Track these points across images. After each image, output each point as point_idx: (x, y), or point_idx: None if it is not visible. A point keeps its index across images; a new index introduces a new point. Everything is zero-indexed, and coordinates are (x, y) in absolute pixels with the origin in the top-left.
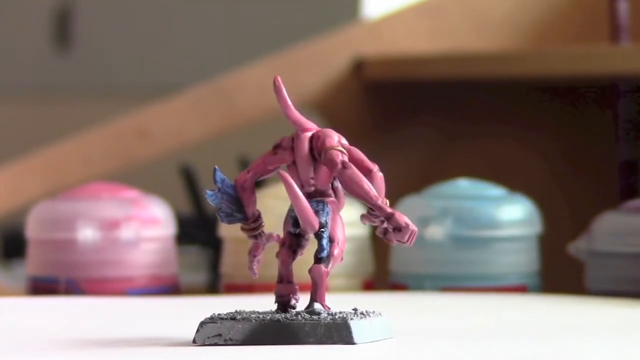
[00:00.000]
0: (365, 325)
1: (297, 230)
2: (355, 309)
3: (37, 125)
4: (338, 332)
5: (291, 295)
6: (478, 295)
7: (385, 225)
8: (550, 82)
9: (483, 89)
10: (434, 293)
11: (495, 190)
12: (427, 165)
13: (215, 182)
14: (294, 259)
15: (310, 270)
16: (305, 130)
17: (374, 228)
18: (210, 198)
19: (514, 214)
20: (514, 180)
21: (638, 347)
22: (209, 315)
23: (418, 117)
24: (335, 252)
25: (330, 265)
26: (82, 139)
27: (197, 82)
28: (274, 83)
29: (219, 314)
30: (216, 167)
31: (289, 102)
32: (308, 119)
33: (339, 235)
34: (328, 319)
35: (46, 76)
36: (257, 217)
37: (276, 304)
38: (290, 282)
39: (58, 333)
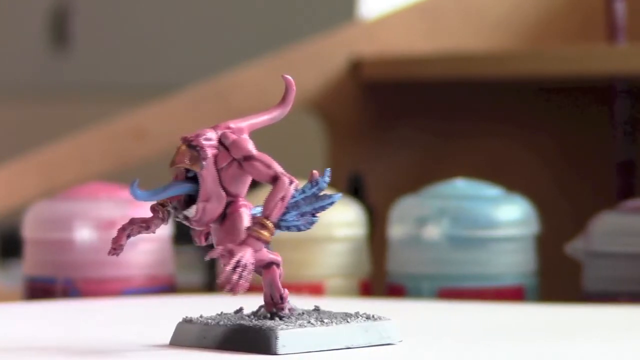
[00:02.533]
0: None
1: None
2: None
3: (34, 125)
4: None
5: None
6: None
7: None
8: (547, 82)
9: (480, 89)
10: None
11: (492, 190)
12: (424, 165)
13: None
14: None
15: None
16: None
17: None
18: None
19: (511, 214)
20: (511, 180)
21: (637, 348)
22: (186, 317)
23: (415, 117)
24: None
25: None
26: (79, 139)
27: (194, 82)
28: (288, 81)
29: (190, 317)
30: None
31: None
32: (305, 118)
33: None
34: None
35: (43, 76)
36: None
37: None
38: None
39: (54, 338)
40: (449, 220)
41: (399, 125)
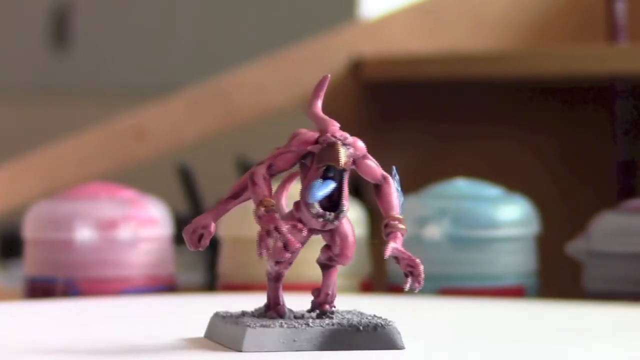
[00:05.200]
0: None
1: None
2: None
3: (34, 125)
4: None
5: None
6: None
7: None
8: (547, 82)
9: (481, 89)
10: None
11: (493, 190)
12: (425, 165)
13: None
14: None
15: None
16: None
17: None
18: None
19: (511, 214)
20: (511, 181)
21: (637, 348)
22: (248, 323)
23: (416, 117)
24: None
25: None
26: (79, 139)
27: (194, 82)
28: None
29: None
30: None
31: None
32: (306, 118)
33: None
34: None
35: (44, 76)
36: None
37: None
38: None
39: (54, 338)
40: (450, 220)
41: (400, 125)
